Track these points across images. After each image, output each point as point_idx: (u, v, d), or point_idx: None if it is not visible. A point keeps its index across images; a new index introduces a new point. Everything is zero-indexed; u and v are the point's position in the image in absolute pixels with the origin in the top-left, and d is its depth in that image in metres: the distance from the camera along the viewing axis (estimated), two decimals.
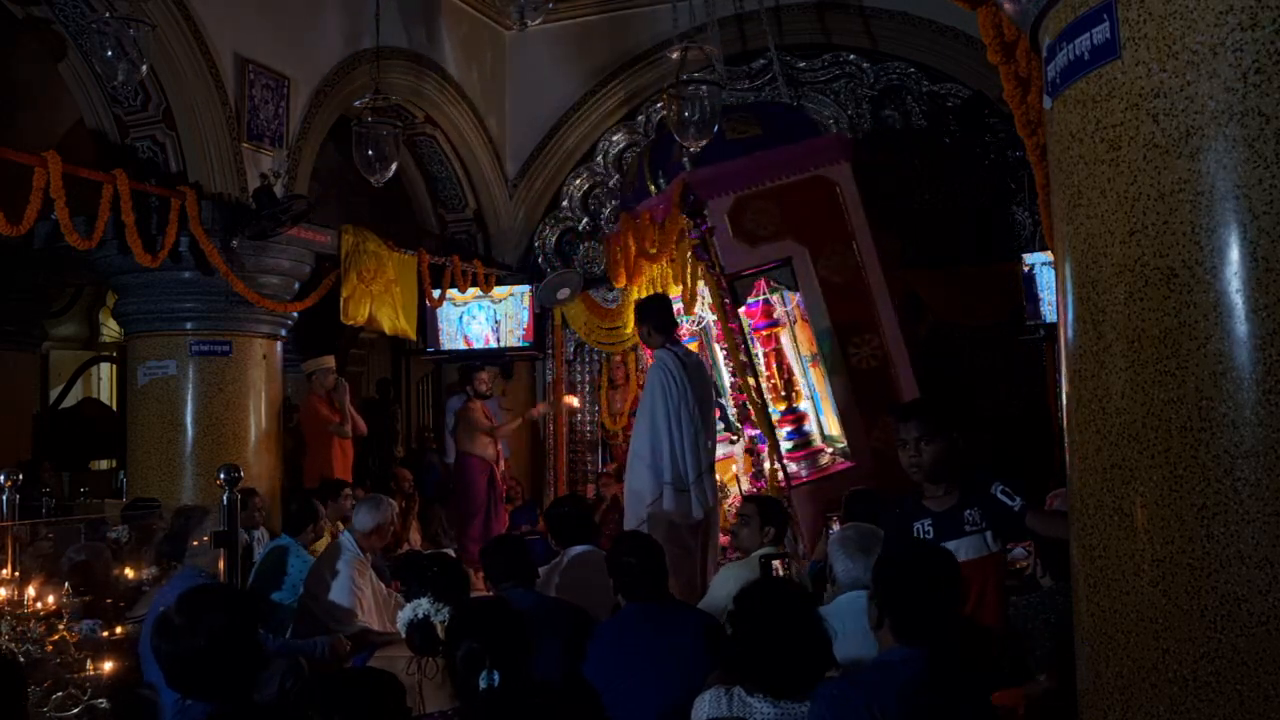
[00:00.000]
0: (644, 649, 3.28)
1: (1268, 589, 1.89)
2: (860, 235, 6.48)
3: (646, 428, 5.30)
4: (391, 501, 5.49)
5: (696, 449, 5.19)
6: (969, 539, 3.28)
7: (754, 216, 6.49)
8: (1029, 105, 3.28)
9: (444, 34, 8.84)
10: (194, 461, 6.72)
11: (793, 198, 6.50)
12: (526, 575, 4.01)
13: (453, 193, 9.54)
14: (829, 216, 6.48)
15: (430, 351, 9.61)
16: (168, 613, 2.56)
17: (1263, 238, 1.92)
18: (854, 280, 6.45)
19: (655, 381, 5.33)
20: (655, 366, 5.42)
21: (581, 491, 9.20)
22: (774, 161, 6.53)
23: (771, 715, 2.55)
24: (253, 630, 2.62)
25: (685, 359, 5.35)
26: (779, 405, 6.77)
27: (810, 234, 6.46)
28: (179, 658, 2.49)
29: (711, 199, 6.51)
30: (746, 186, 6.50)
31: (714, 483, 5.51)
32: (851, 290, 6.43)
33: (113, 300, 7.69)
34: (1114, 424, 2.14)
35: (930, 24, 8.07)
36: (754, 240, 6.48)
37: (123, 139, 6.70)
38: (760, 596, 2.72)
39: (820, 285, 6.42)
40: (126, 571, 5.28)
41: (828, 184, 6.51)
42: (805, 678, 2.56)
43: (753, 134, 6.65)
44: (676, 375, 5.21)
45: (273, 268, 7.03)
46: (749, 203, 6.49)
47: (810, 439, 6.83)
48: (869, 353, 6.38)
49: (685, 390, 5.19)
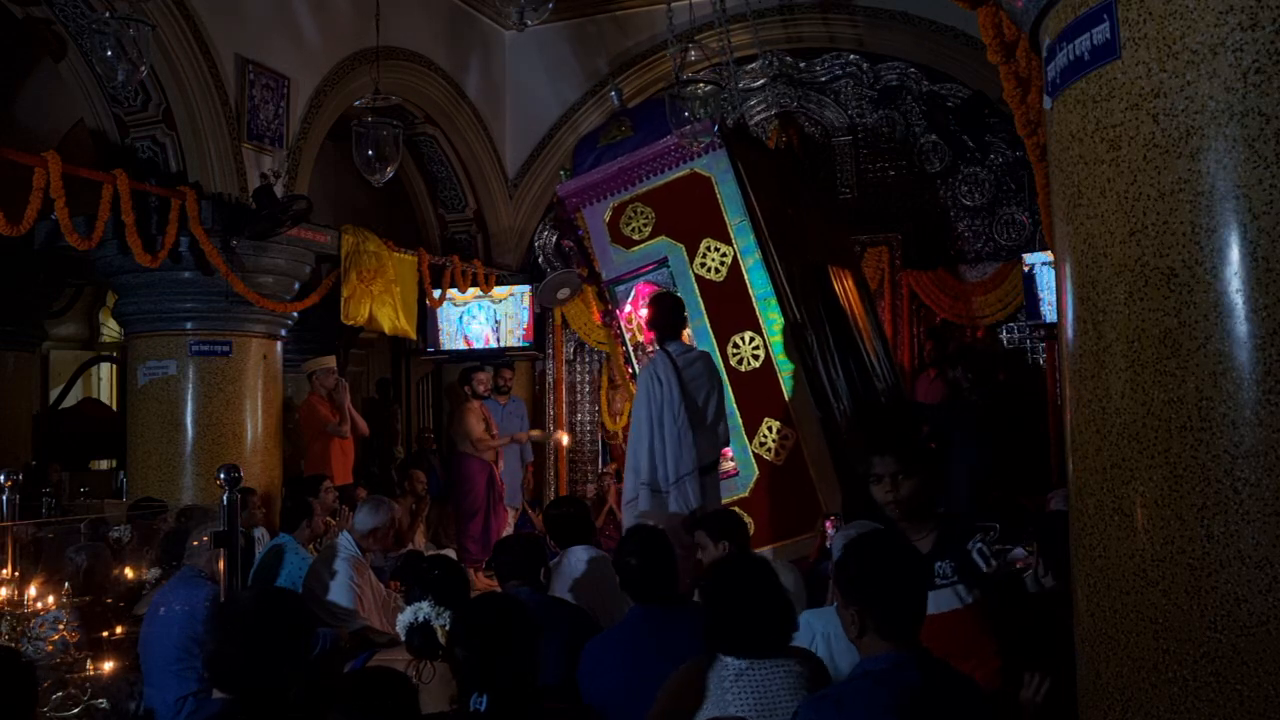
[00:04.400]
0: (646, 654, 3.25)
1: (1268, 589, 1.89)
2: (737, 230, 6.17)
3: (634, 429, 5.36)
4: (392, 504, 5.48)
5: (679, 451, 5.15)
6: (939, 593, 2.99)
7: (629, 220, 6.43)
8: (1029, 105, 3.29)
9: (444, 34, 8.84)
10: (194, 461, 6.72)
11: (667, 197, 6.36)
12: (533, 574, 4.01)
13: (453, 193, 9.54)
14: (705, 213, 6.23)
15: (430, 351, 9.62)
16: (240, 610, 2.53)
17: (1263, 238, 1.92)
18: (731, 278, 6.18)
19: (641, 384, 5.34)
20: (644, 370, 5.44)
21: (581, 492, 9.21)
22: (643, 160, 6.39)
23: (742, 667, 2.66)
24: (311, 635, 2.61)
25: (679, 360, 5.32)
26: None
27: (686, 232, 6.30)
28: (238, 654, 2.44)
29: (586, 207, 6.49)
30: (621, 190, 6.43)
31: (713, 484, 5.38)
32: (728, 289, 6.18)
33: (113, 300, 7.69)
34: (1114, 424, 2.14)
35: (930, 24, 8.08)
36: (630, 244, 6.42)
37: (123, 139, 6.70)
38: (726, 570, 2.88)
39: (698, 284, 6.24)
40: (127, 571, 5.29)
41: (702, 180, 6.28)
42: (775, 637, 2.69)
43: (625, 136, 6.55)
44: (664, 378, 5.19)
45: (272, 268, 7.03)
46: (624, 208, 6.44)
47: None
48: (750, 352, 6.14)
49: (672, 393, 5.17)
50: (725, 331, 6.16)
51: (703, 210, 6.24)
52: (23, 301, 10.50)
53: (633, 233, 6.43)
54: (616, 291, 6.51)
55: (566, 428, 9.72)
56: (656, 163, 6.36)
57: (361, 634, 4.86)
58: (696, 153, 6.22)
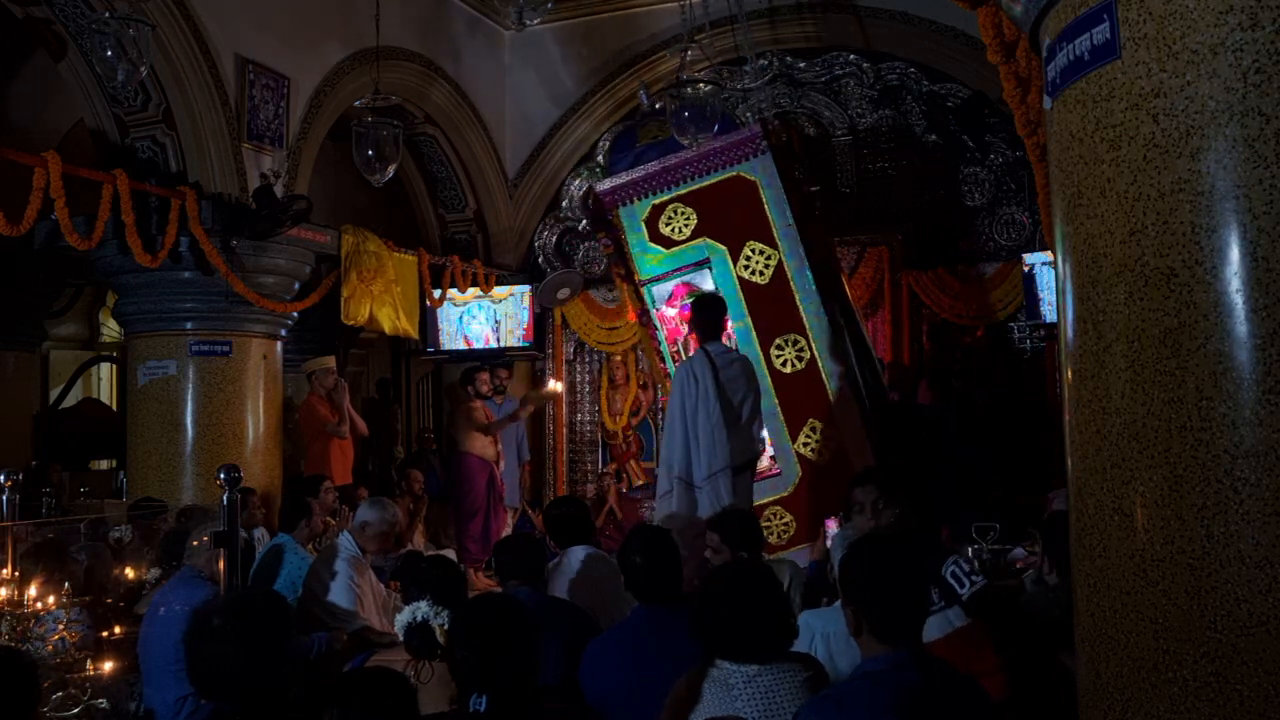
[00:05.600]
0: (647, 654, 3.25)
1: (1268, 589, 1.89)
2: (783, 232, 6.21)
3: (667, 425, 5.44)
4: (395, 505, 5.48)
5: (713, 448, 5.21)
6: (930, 619, 2.99)
7: (669, 220, 6.41)
8: (1029, 105, 3.29)
9: (444, 33, 8.84)
10: (194, 461, 6.72)
11: (711, 198, 6.35)
12: (534, 574, 4.01)
13: (453, 193, 9.54)
14: (749, 215, 6.25)
15: (430, 351, 9.62)
16: (211, 614, 2.52)
17: (1263, 238, 1.92)
18: (776, 280, 6.22)
19: (676, 380, 5.41)
20: (680, 365, 5.50)
21: (581, 492, 9.21)
22: (687, 161, 6.39)
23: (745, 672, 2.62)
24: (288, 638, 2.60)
25: (718, 360, 5.36)
26: None
27: (729, 234, 6.30)
28: (211, 659, 2.45)
29: (624, 205, 6.45)
30: (662, 190, 6.40)
31: (745, 484, 5.38)
32: (772, 291, 6.22)
33: (113, 300, 7.69)
34: (1114, 424, 2.14)
35: (930, 24, 8.07)
36: (670, 245, 6.40)
37: (123, 139, 6.70)
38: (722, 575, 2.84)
39: (740, 286, 6.25)
40: (127, 571, 5.28)
41: (747, 183, 6.29)
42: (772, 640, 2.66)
43: (666, 137, 6.58)
44: (699, 375, 5.27)
45: (272, 268, 7.03)
46: (664, 207, 6.41)
47: None
48: (794, 354, 6.19)
49: (707, 390, 5.23)
50: (769, 333, 6.21)
51: (747, 213, 6.28)
52: (23, 301, 10.50)
53: (673, 233, 6.40)
54: (653, 291, 6.48)
55: (566, 428, 9.72)
56: (702, 164, 6.38)
57: (361, 634, 4.86)
58: (744, 156, 6.28)
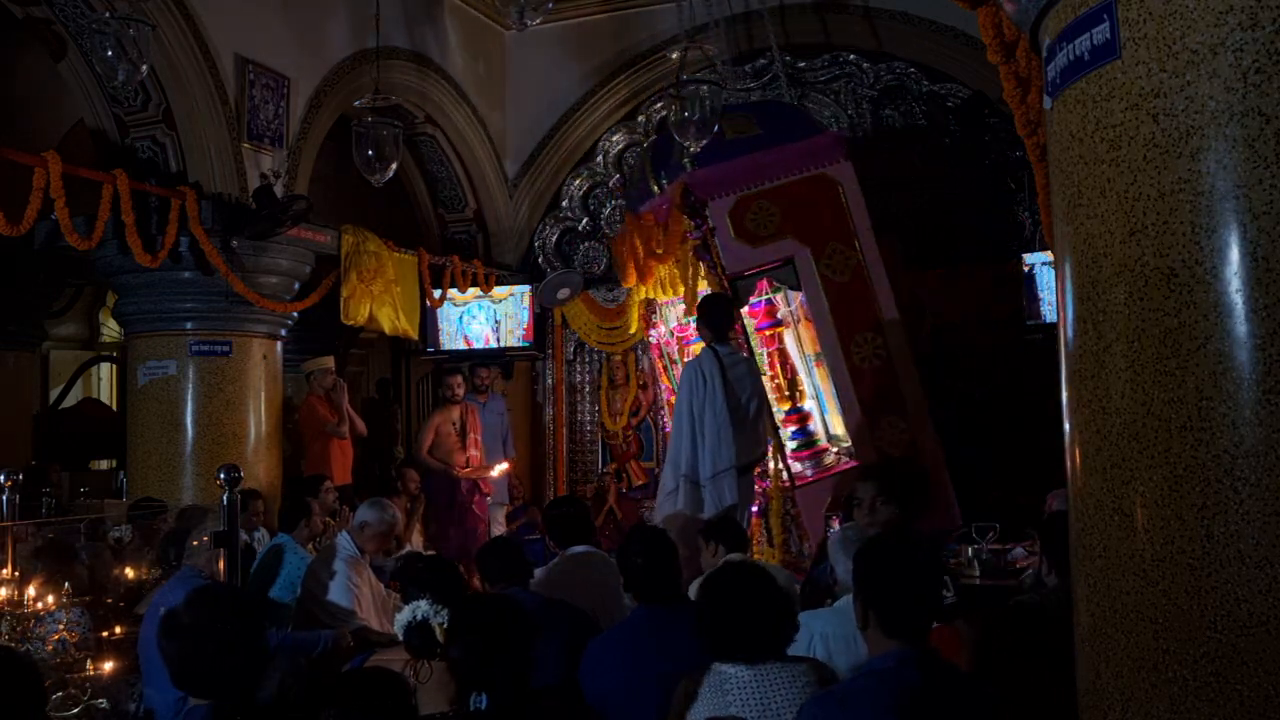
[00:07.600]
0: (647, 654, 3.25)
1: (1268, 589, 1.89)
2: (863, 235, 6.51)
3: (675, 423, 5.49)
4: (394, 506, 5.48)
5: (719, 447, 5.23)
6: None
7: (755, 216, 6.49)
8: (1029, 105, 3.28)
9: (444, 34, 8.84)
10: (194, 462, 6.72)
11: (794, 197, 6.52)
12: (522, 576, 4.02)
13: (453, 193, 9.54)
14: (831, 216, 6.50)
15: (430, 351, 9.61)
16: (176, 612, 2.55)
17: (1263, 238, 1.92)
18: (856, 280, 6.48)
19: (684, 379, 5.46)
20: (689, 364, 5.53)
21: (581, 492, 9.20)
22: (774, 161, 6.53)
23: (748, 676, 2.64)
24: (259, 630, 2.62)
25: (726, 360, 5.40)
26: (783, 405, 6.78)
27: (812, 233, 6.48)
28: (186, 657, 2.48)
29: (712, 200, 6.52)
30: (747, 187, 6.50)
31: (749, 484, 5.51)
32: (853, 290, 6.46)
33: (113, 300, 7.69)
34: (1114, 424, 2.14)
35: (930, 24, 8.07)
36: (755, 240, 6.49)
37: (123, 139, 6.70)
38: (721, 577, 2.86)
39: (823, 284, 6.44)
40: (127, 571, 5.28)
41: (830, 183, 6.52)
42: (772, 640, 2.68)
43: (752, 134, 6.66)
44: (708, 374, 5.30)
45: (272, 268, 7.02)
46: (750, 203, 6.50)
47: (815, 439, 6.83)
48: (871, 352, 6.40)
49: (715, 390, 5.26)
50: (849, 330, 6.40)
51: (828, 213, 6.48)
52: (23, 301, 10.50)
53: (758, 228, 6.49)
54: (738, 286, 6.54)
55: (566, 428, 9.71)
56: (796, 163, 6.51)
57: (360, 634, 4.86)
58: (834, 160, 6.52)
